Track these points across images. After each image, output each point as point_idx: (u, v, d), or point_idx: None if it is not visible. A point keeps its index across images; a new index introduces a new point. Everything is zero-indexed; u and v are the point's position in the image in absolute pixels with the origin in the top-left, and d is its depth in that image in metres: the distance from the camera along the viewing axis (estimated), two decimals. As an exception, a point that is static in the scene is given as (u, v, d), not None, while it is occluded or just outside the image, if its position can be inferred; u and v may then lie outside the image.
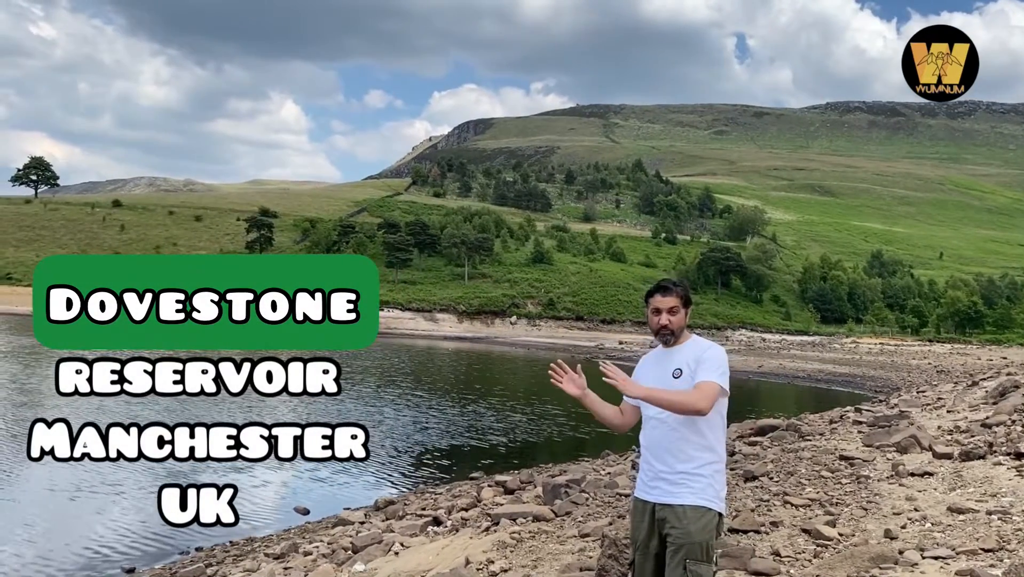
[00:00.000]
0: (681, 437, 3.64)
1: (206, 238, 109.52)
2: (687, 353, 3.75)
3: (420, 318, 78.72)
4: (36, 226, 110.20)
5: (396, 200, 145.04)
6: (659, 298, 3.76)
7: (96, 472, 14.63)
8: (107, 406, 15.70)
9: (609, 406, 3.95)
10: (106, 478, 14.34)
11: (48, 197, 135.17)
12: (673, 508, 3.61)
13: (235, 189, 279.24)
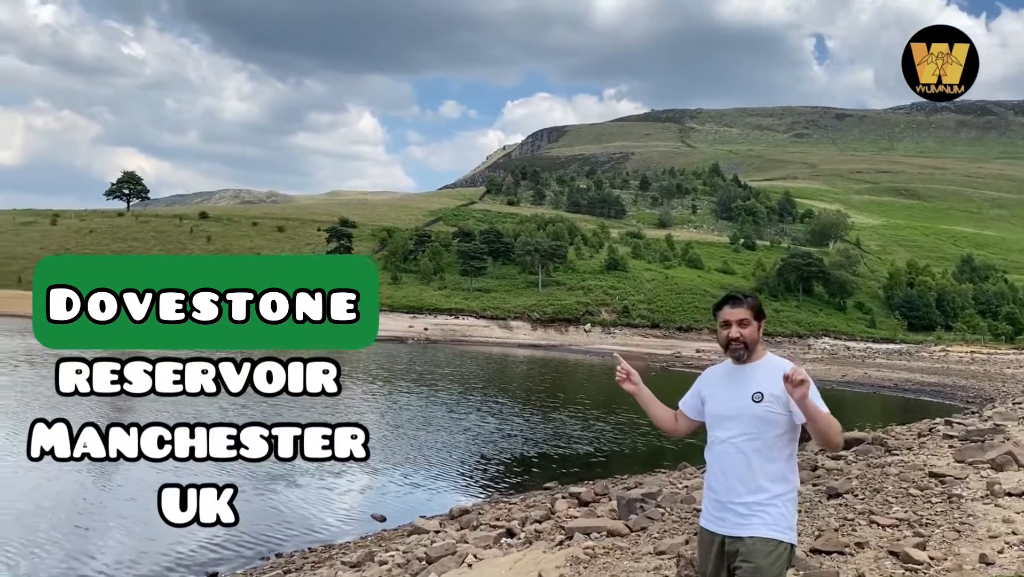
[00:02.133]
0: (755, 466, 3.39)
1: (288, 248, 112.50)
2: (765, 374, 3.46)
3: (494, 326, 79.07)
4: (129, 238, 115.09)
5: (470, 209, 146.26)
6: (728, 310, 3.56)
7: (186, 472, 15.13)
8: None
9: (664, 408, 3.79)
10: (191, 480, 14.80)
11: (139, 210, 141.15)
12: (743, 540, 3.37)
13: (315, 200, 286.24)
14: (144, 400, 3.80)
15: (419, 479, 16.74)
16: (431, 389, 32.62)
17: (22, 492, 13.71)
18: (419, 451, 19.58)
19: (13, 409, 22.57)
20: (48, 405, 22.01)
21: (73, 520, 12.48)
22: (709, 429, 3.58)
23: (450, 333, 74.17)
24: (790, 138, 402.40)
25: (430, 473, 17.38)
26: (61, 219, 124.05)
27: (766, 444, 3.40)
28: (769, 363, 3.52)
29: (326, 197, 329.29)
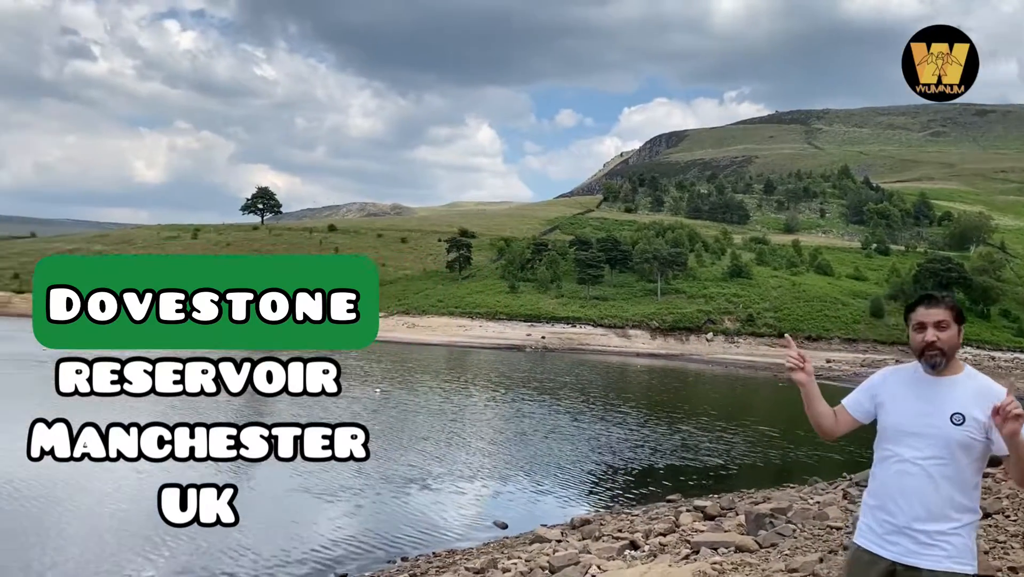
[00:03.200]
0: (943, 493, 3.03)
1: (411, 259, 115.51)
2: (966, 393, 3.06)
3: (612, 334, 78.48)
4: (263, 250, 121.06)
5: (587, 217, 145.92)
6: (923, 311, 3.15)
7: (322, 475, 15.73)
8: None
9: (827, 405, 3.37)
10: (328, 483, 15.37)
11: (272, 223, 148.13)
12: (921, 572, 3.03)
13: (436, 211, 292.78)
14: (151, 401, 3.69)
15: (540, 487, 16.78)
16: (553, 398, 32.65)
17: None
18: (541, 459, 19.63)
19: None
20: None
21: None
22: (886, 442, 3.19)
23: (567, 341, 74.13)
24: (926, 137, 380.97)
25: (551, 481, 17.39)
26: (201, 233, 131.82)
27: (959, 470, 3.04)
28: (971, 380, 3.11)
29: (446, 208, 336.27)
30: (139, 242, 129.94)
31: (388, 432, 22.37)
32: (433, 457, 19.06)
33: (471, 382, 38.83)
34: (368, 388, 32.60)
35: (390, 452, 19.34)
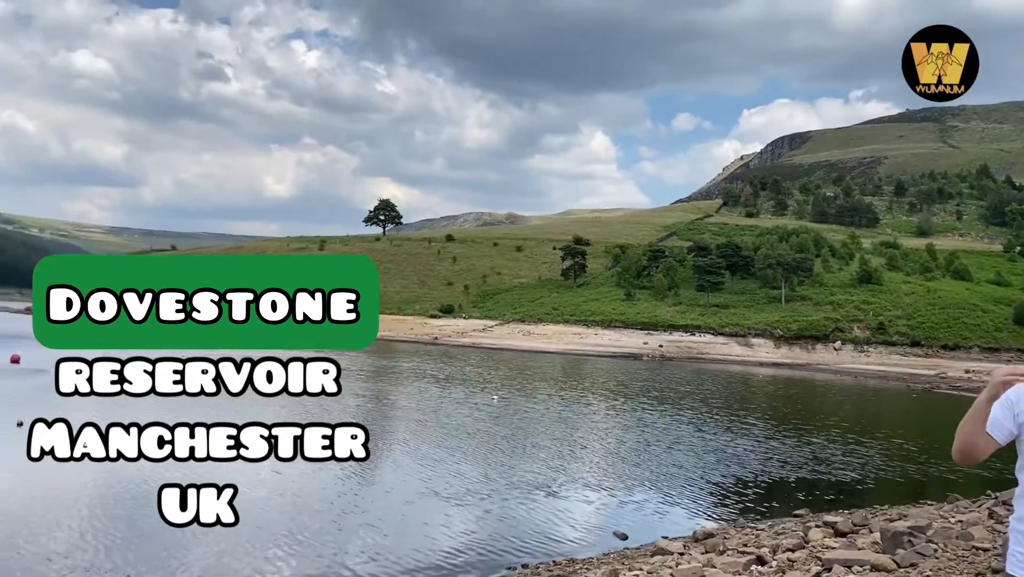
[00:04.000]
0: None
1: (526, 267, 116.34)
2: None
3: (734, 343, 76.41)
4: (384, 260, 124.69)
5: (706, 222, 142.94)
6: None
7: (450, 478, 16.07)
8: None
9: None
10: (456, 487, 15.67)
11: (393, 234, 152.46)
12: None
13: (551, 219, 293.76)
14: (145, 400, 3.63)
15: (662, 498, 16.53)
16: (675, 408, 32.10)
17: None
18: (663, 469, 19.34)
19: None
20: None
21: (341, 519, 13.64)
22: None
23: (686, 350, 72.73)
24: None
25: (673, 492, 17.10)
26: (327, 244, 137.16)
27: None
28: None
29: (560, 216, 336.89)
30: (270, 253, 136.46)
31: (511, 439, 22.56)
32: (556, 465, 19.10)
33: (589, 390, 38.69)
34: (487, 395, 33.01)
35: (515, 459, 19.51)
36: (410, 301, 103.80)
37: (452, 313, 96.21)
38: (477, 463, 18.66)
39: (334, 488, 15.59)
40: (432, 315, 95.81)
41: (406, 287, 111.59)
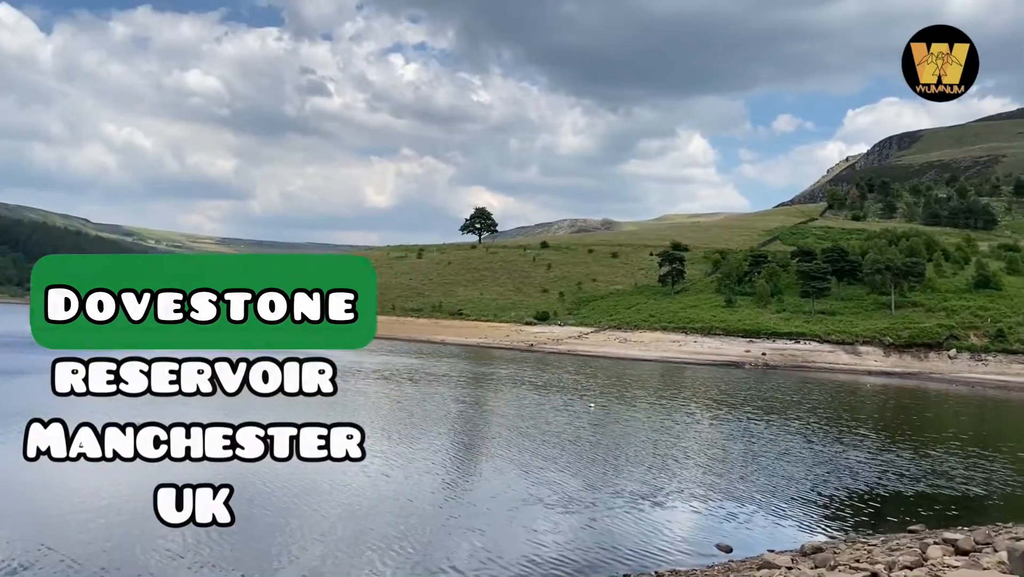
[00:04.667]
0: None
1: (622, 273, 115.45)
2: None
3: (840, 351, 73.67)
4: (480, 268, 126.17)
5: (810, 226, 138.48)
6: None
7: (556, 486, 16.15)
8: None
9: None
10: (560, 494, 15.74)
11: (489, 242, 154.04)
12: None
13: (647, 225, 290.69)
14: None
15: (768, 510, 16.14)
16: (782, 417, 31.23)
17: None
18: (770, 481, 18.88)
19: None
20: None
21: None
22: None
23: (790, 358, 70.57)
24: None
25: (780, 504, 16.67)
26: (425, 253, 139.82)
27: None
28: None
29: (656, 222, 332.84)
30: (372, 262, 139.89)
31: (613, 447, 22.46)
32: (660, 474, 18.93)
33: (691, 399, 38.09)
34: (585, 402, 32.94)
35: (618, 467, 19.45)
36: (505, 308, 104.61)
37: (547, 320, 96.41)
38: (580, 471, 18.67)
39: (441, 493, 15.91)
40: (527, 322, 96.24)
41: (501, 294, 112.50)
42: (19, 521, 12.88)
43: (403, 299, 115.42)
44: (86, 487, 14.46)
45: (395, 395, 33.65)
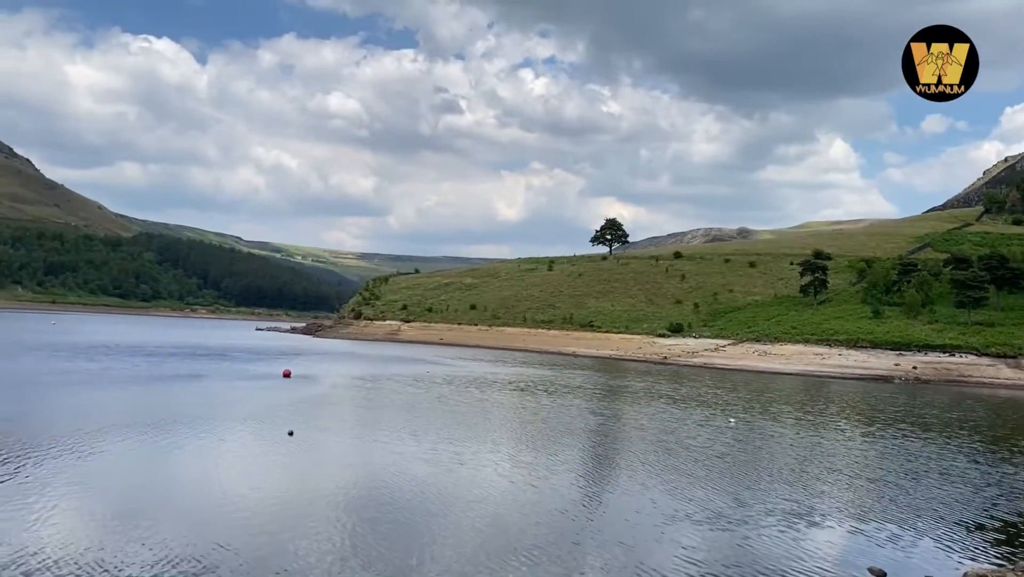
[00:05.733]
0: None
1: (760, 284, 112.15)
2: None
3: (1002, 365, 68.59)
4: (611, 279, 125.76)
5: (965, 232, 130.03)
6: None
7: (706, 501, 16.11)
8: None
9: None
10: (708, 510, 15.67)
11: (620, 253, 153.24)
12: None
13: (786, 233, 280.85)
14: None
15: (926, 533, 15.44)
16: (942, 436, 29.56)
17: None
18: (928, 501, 18.01)
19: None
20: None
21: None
22: None
23: (944, 372, 66.37)
24: None
25: (939, 527, 15.90)
26: (556, 264, 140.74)
27: None
28: None
29: (796, 230, 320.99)
30: (503, 275, 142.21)
31: (760, 463, 22.03)
32: (810, 491, 18.43)
33: (839, 414, 36.66)
34: (726, 417, 32.37)
35: (766, 484, 19.08)
36: (637, 320, 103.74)
37: (681, 332, 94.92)
38: (726, 488, 18.43)
39: (587, 505, 16.15)
40: (660, 334, 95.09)
41: (633, 306, 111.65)
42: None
43: (534, 311, 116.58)
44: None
45: (532, 406, 34.19)
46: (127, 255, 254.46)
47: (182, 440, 21.26)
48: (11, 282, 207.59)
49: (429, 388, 40.49)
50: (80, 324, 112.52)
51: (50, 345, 58.65)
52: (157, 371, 42.29)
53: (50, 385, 31.94)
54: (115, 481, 16.56)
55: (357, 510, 14.76)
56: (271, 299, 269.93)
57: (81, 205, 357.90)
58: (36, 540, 11.91)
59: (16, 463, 16.92)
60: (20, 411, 24.23)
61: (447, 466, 19.24)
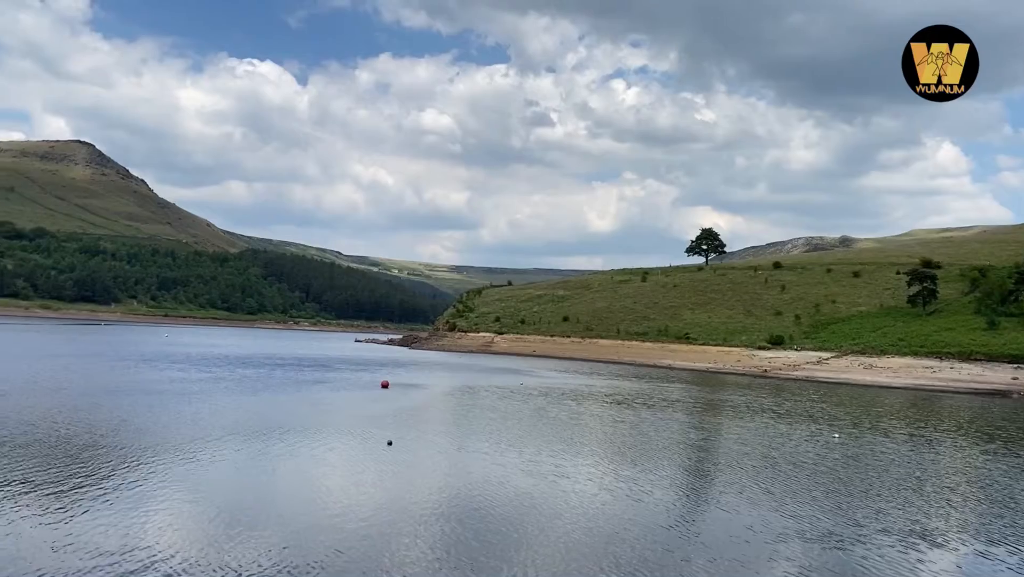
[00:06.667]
0: None
1: (865, 294, 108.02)
2: None
3: None
4: (708, 290, 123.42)
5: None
6: None
7: (814, 519, 15.61)
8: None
9: None
10: (816, 528, 15.17)
11: (717, 263, 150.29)
12: None
13: (891, 241, 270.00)
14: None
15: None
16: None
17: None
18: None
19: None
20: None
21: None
22: None
23: (1070, 387, 62.24)
24: None
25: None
26: (650, 276, 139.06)
27: None
28: None
29: (902, 237, 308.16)
30: (596, 286, 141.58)
31: (874, 481, 21.16)
32: (930, 511, 17.59)
33: (954, 431, 34.88)
34: (833, 432, 31.28)
35: (884, 502, 18.31)
36: (735, 332, 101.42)
37: (782, 344, 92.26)
38: (839, 505, 17.77)
39: (695, 521, 15.86)
40: (760, 346, 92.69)
41: (731, 317, 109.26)
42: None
43: (628, 323, 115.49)
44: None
45: (631, 419, 33.84)
46: (234, 270, 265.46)
47: (289, 449, 21.98)
48: (127, 296, 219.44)
49: (526, 400, 40.62)
50: (191, 336, 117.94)
51: (167, 356, 61.65)
52: (265, 381, 43.90)
53: (171, 394, 33.56)
54: (228, 487, 17.26)
55: (458, 520, 14.89)
56: (369, 311, 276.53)
57: (191, 223, 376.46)
58: (158, 541, 12.52)
59: (144, 469, 17.87)
60: (148, 421, 25.53)
61: (549, 478, 19.23)
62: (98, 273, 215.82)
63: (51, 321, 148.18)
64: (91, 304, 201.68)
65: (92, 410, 26.92)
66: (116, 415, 26.06)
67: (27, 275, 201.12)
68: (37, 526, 12.87)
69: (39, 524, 12.98)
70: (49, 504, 14.21)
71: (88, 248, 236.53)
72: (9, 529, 12.62)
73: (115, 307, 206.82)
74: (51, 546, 11.89)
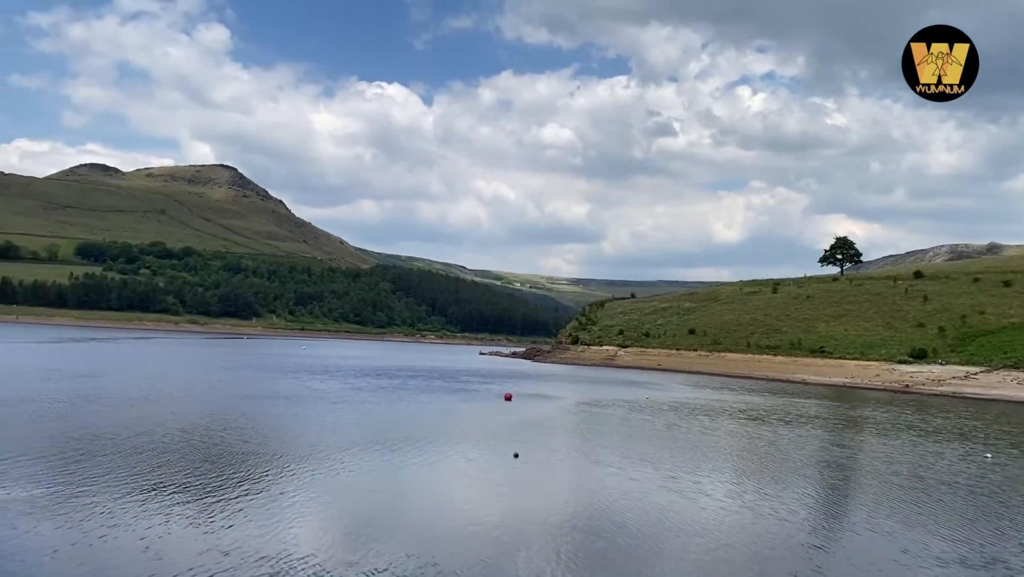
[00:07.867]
0: None
1: (1017, 304, 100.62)
2: None
3: None
4: (843, 302, 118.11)
5: None
6: None
7: (930, 540, 14.82)
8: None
9: None
10: (954, 554, 14.38)
11: (853, 273, 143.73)
12: None
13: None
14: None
15: None
16: None
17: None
18: None
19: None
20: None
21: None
22: None
23: None
24: None
25: None
26: (781, 287, 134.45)
27: None
28: None
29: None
30: (723, 298, 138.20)
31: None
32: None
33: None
34: (985, 452, 29.38)
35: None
36: (873, 345, 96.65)
37: (925, 358, 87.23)
38: (1002, 529, 16.70)
39: (843, 543, 15.33)
40: (901, 360, 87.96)
41: (868, 330, 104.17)
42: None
43: (758, 336, 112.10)
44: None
45: (768, 436, 32.88)
46: (365, 285, 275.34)
47: (418, 458, 22.60)
48: (267, 311, 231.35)
49: (655, 414, 40.17)
50: (327, 348, 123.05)
51: (307, 368, 64.65)
52: (400, 392, 45.37)
53: (313, 404, 35.26)
54: (359, 494, 17.90)
55: (596, 534, 14.88)
56: (492, 325, 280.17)
57: (326, 240, 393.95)
58: (293, 543, 13.19)
59: (287, 475, 18.92)
60: (293, 430, 26.96)
61: (688, 495, 18.98)
62: (240, 289, 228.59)
63: (199, 335, 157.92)
64: (234, 319, 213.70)
65: (251, 417, 28.65)
66: (267, 424, 27.70)
67: (176, 291, 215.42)
68: (196, 526, 13.83)
69: (197, 525, 13.94)
70: (204, 508, 15.24)
71: (231, 266, 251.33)
72: (169, 529, 13.64)
73: (256, 321, 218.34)
74: (200, 546, 12.75)
